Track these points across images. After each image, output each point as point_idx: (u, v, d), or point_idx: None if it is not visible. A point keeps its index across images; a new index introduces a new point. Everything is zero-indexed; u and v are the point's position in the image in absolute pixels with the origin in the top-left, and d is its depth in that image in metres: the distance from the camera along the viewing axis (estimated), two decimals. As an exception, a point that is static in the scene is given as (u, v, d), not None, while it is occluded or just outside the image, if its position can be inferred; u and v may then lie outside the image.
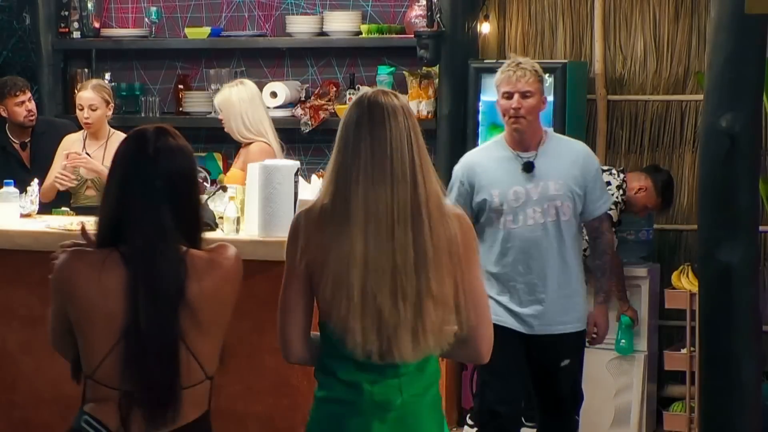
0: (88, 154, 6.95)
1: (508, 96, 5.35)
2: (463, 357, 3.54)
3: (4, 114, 7.37)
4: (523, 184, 5.31)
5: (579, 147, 5.49)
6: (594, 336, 5.58)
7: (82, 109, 6.95)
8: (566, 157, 5.36)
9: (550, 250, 5.32)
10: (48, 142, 7.24)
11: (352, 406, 3.31)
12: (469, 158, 5.54)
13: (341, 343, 3.27)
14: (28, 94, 7.32)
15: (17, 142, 7.34)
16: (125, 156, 3.24)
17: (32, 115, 7.33)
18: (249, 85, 6.66)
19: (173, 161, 3.21)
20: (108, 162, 6.13)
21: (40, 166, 7.08)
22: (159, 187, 3.17)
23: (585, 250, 7.00)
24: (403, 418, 3.32)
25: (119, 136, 6.96)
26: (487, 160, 5.43)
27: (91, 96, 6.93)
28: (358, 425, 3.30)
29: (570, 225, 5.35)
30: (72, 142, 7.08)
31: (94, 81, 7.14)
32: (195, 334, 3.18)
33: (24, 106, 7.27)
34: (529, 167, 5.32)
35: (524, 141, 5.35)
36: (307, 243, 3.29)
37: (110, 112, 7.06)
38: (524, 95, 5.31)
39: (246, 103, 6.54)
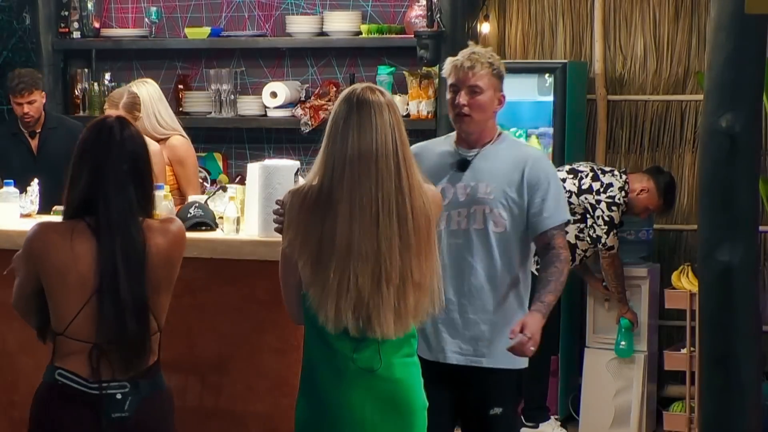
0: None
1: (455, 89, 4.58)
2: None
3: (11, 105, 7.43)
4: (453, 183, 4.55)
5: (529, 152, 4.70)
6: (521, 339, 4.34)
7: None
8: (510, 160, 4.56)
9: (474, 264, 4.51)
10: (56, 138, 7.20)
11: (337, 371, 3.64)
12: (417, 147, 4.60)
13: (316, 318, 3.61)
14: (28, 98, 7.15)
15: (26, 131, 7.33)
16: (96, 144, 3.71)
17: (28, 119, 7.20)
18: (154, 83, 6.81)
19: (136, 146, 3.73)
20: None
21: (46, 159, 7.05)
22: (126, 169, 3.67)
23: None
24: (385, 382, 3.64)
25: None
26: (430, 151, 4.64)
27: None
28: (343, 389, 3.64)
29: (504, 239, 4.52)
30: None
31: (126, 98, 6.68)
32: (151, 291, 3.67)
33: (21, 108, 7.18)
34: (462, 165, 4.57)
35: (470, 142, 4.59)
36: (290, 222, 3.63)
37: (137, 121, 6.92)
38: (472, 90, 4.54)
39: (156, 101, 6.70)
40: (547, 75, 7.37)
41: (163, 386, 3.79)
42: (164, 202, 5.73)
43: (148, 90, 6.68)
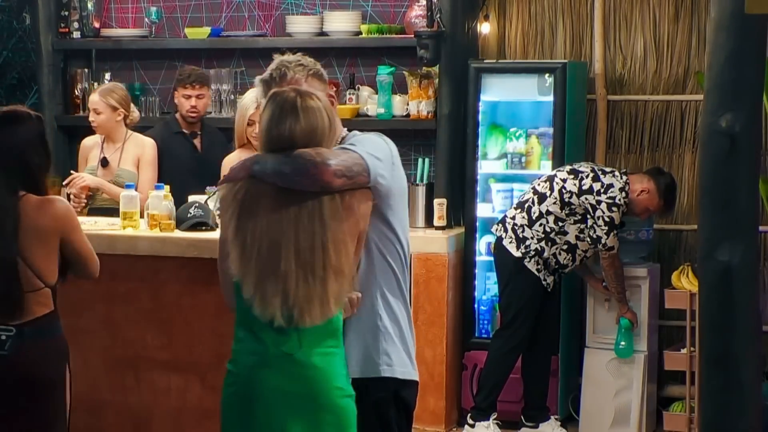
0: (105, 157, 6.97)
1: None
2: None
3: (175, 100, 7.42)
4: None
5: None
6: None
7: (89, 111, 7.01)
8: None
9: None
10: (216, 141, 7.23)
11: (259, 354, 3.82)
12: None
13: (251, 309, 3.80)
14: (199, 90, 7.20)
15: (187, 132, 7.32)
16: None
17: (194, 112, 7.23)
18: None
19: (27, 134, 4.55)
20: (124, 164, 6.96)
21: (210, 160, 6.92)
22: (14, 153, 4.51)
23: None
24: (304, 370, 3.80)
25: (137, 138, 7.02)
26: None
27: (95, 100, 6.96)
28: (263, 371, 3.81)
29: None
30: (90, 147, 7.13)
31: (107, 86, 7.07)
32: (27, 253, 4.46)
33: (189, 101, 7.18)
34: None
35: None
36: (224, 213, 3.83)
37: (120, 117, 6.97)
38: None
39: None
40: (547, 75, 7.37)
41: (52, 335, 4.54)
42: (164, 202, 5.73)
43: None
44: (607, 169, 7.03)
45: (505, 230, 7.05)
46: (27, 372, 4.48)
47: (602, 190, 6.88)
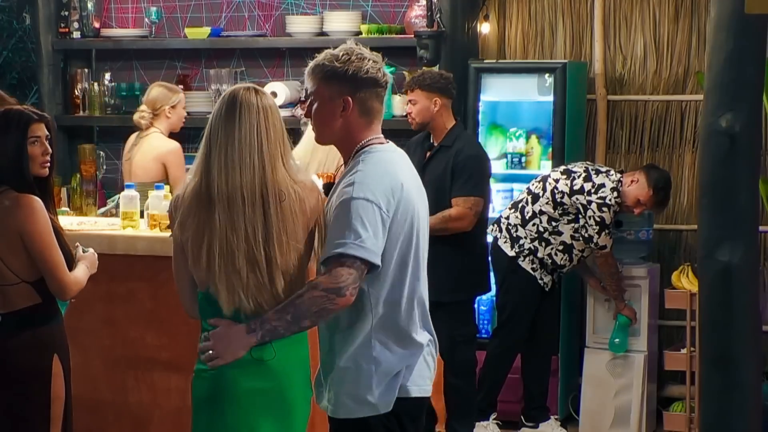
0: None
1: None
2: None
3: None
4: None
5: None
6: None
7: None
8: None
9: None
10: (441, 157, 6.64)
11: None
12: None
13: (218, 303, 3.80)
14: (409, 96, 6.63)
15: (428, 141, 6.75)
16: None
17: (410, 120, 6.67)
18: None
19: (10, 132, 4.61)
20: None
21: (430, 174, 6.52)
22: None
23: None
24: (274, 372, 3.82)
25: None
26: None
27: None
28: (235, 375, 3.81)
29: None
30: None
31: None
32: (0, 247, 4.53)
33: (407, 107, 6.66)
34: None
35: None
36: (181, 222, 3.84)
37: None
38: (308, 98, 4.06)
39: None
40: (547, 75, 7.37)
41: (34, 327, 4.57)
42: (164, 202, 5.74)
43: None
44: (602, 169, 7.02)
45: (500, 230, 7.06)
46: (4, 360, 4.53)
47: (593, 190, 6.87)
